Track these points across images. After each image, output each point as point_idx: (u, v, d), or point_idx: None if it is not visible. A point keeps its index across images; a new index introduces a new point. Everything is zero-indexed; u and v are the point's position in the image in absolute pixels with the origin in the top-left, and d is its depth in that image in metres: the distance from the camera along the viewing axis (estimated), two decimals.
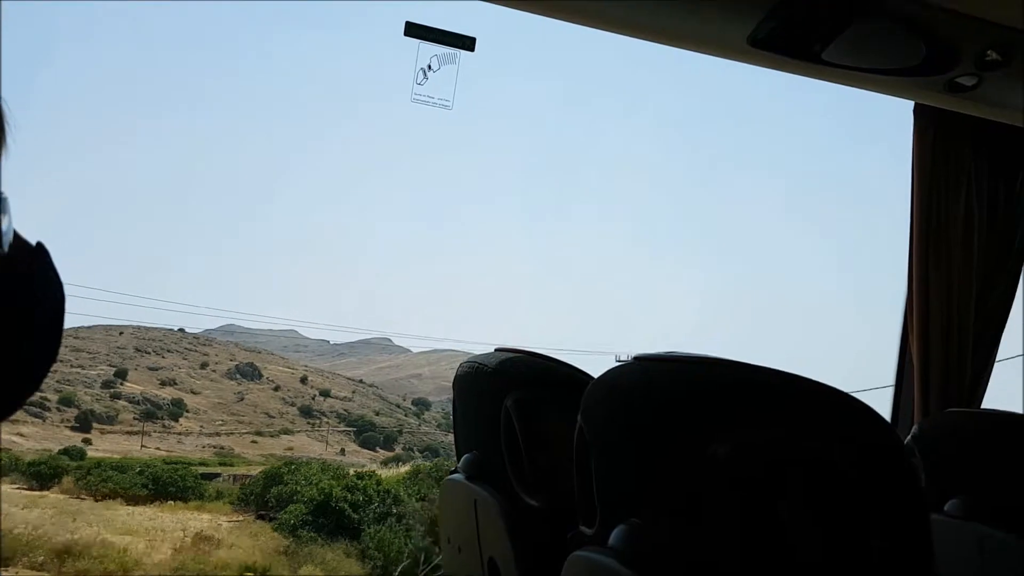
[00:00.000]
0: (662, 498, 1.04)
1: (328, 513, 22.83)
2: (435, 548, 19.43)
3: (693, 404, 1.02)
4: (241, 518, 23.58)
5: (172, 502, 25.97)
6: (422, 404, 64.31)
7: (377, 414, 58.83)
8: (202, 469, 33.17)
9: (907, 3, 1.87)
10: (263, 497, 24.44)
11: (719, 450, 0.95)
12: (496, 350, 1.98)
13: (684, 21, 2.04)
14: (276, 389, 57.67)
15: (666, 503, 1.03)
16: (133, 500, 25.49)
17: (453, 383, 2.09)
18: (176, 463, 32.59)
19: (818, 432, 0.96)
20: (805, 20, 1.96)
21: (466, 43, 2.11)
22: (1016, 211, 2.65)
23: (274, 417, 53.81)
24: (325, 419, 56.10)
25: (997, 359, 2.67)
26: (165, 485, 27.20)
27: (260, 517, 23.37)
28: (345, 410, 58.36)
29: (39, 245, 0.86)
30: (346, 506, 22.96)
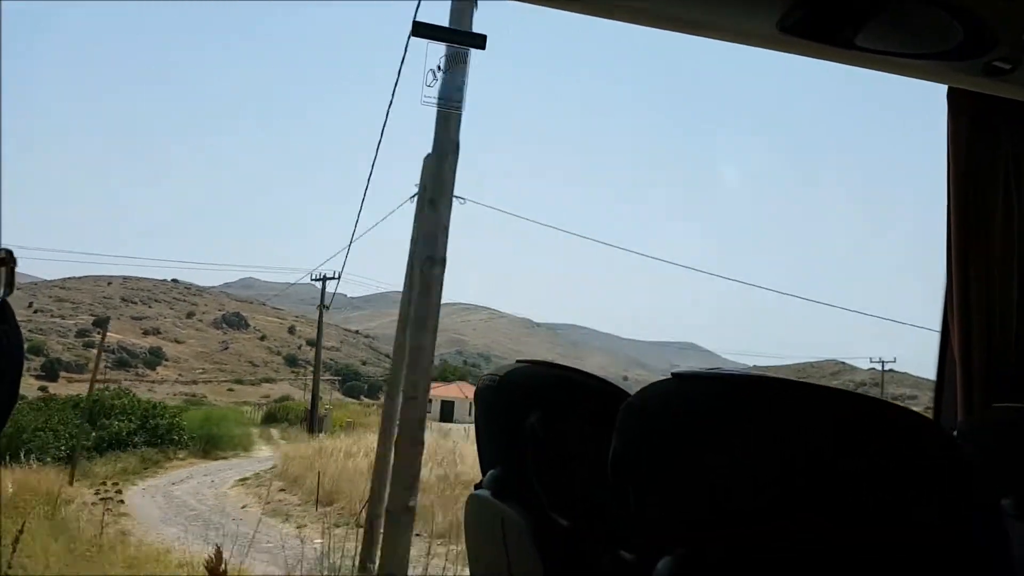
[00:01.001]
0: (710, 526, 1.02)
1: None
2: None
3: (737, 427, 1.00)
4: None
5: None
6: None
7: (364, 364, 59.47)
8: None
9: None
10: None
11: (766, 471, 0.95)
12: (518, 362, 1.96)
13: (711, 11, 2.00)
14: (262, 339, 58.21)
15: (715, 531, 1.01)
16: None
17: (474, 396, 2.06)
18: None
19: (868, 444, 0.95)
20: (837, 4, 1.91)
21: (477, 41, 2.05)
22: None
23: (258, 366, 54.24)
24: (310, 368, 56.55)
25: None
26: None
27: None
28: (332, 359, 58.85)
29: (3, 303, 0.86)
30: None
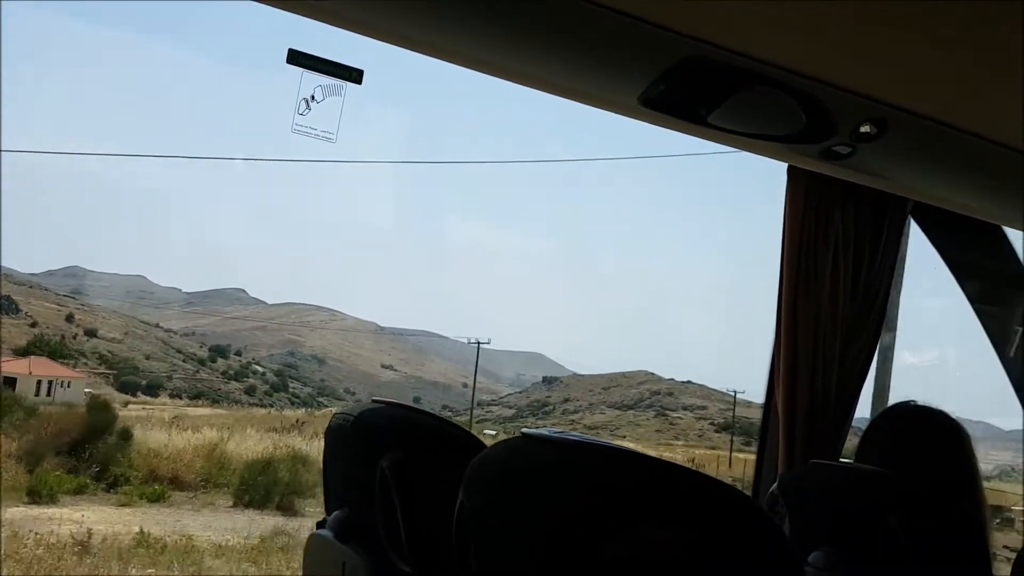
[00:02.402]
0: None
1: None
2: None
3: (582, 496, 1.06)
4: None
5: None
6: (217, 351, 62.71)
7: (148, 358, 57.06)
8: None
9: (791, 74, 1.99)
10: None
11: (609, 548, 1.01)
12: (374, 401, 1.97)
13: (577, 78, 2.11)
14: (33, 325, 54.82)
15: None
16: None
17: (325, 434, 2.06)
18: None
19: (697, 524, 1.02)
20: (694, 85, 2.06)
21: (353, 75, 2.07)
22: (878, 273, 2.92)
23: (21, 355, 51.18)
24: (83, 359, 53.92)
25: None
26: None
27: None
28: (111, 351, 56.24)
29: None
30: None
